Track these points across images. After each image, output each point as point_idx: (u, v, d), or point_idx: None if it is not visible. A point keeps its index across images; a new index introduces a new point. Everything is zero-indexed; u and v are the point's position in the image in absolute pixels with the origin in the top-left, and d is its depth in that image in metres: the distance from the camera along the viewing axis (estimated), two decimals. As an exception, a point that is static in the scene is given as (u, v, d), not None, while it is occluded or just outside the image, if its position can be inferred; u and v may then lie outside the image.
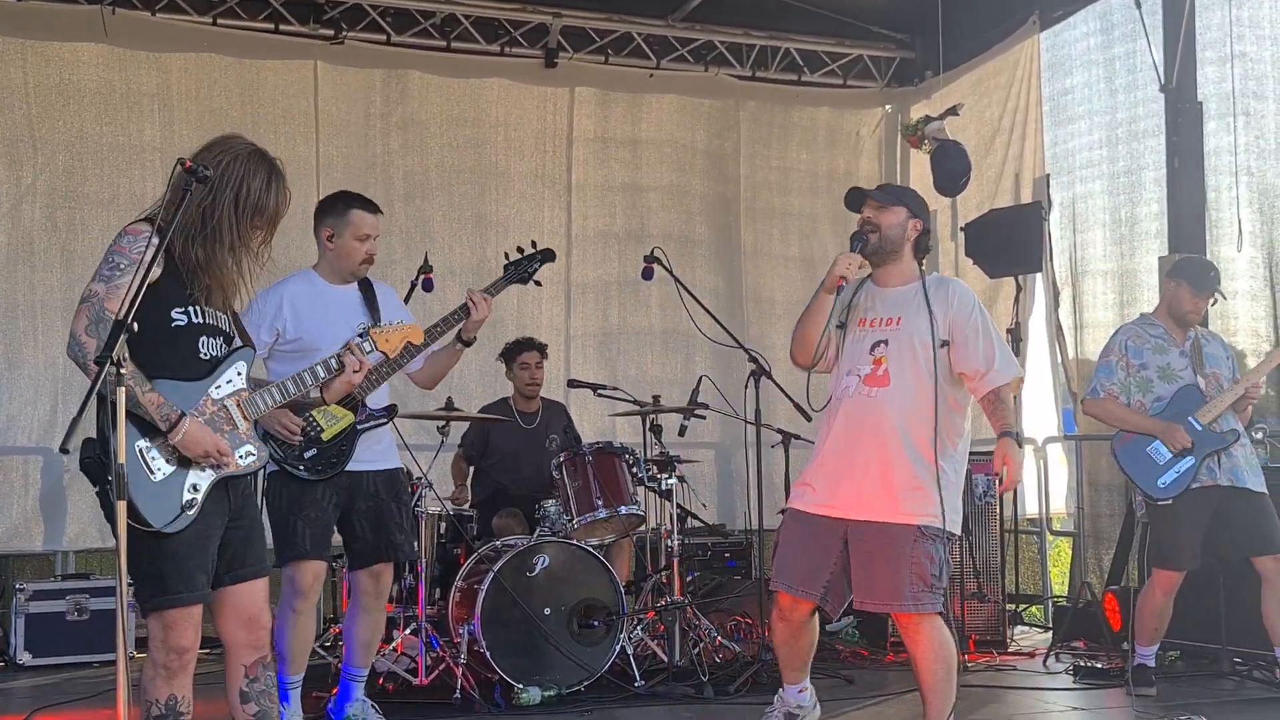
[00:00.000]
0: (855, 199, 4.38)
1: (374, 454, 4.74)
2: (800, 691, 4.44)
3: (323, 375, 3.62)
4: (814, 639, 4.40)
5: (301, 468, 4.54)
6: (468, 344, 4.88)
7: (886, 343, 4.17)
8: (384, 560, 4.77)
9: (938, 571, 4.05)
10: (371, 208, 4.79)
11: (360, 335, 3.75)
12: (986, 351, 4.15)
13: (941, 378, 4.12)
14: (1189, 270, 5.68)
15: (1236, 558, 5.51)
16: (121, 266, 3.28)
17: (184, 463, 3.28)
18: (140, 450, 3.23)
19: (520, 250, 5.16)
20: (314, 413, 4.48)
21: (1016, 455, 4.19)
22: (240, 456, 3.38)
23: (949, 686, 4.12)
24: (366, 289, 4.82)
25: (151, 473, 3.23)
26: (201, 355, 3.38)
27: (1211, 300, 5.69)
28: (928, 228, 4.35)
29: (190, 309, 3.36)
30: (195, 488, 3.28)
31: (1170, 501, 5.39)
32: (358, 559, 4.78)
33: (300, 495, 4.57)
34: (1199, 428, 5.39)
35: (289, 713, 4.54)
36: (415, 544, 5.08)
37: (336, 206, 4.78)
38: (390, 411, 4.78)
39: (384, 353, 3.80)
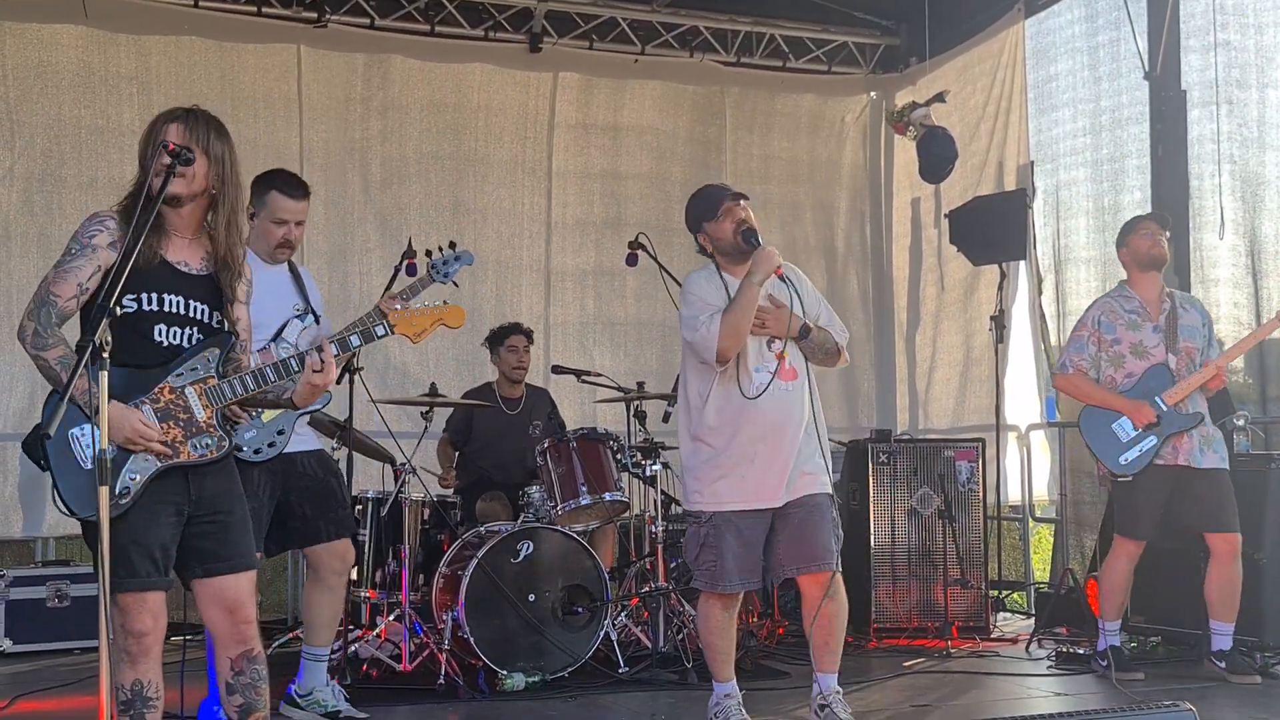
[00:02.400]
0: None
1: (302, 436, 4.67)
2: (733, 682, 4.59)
3: (295, 369, 3.38)
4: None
5: (242, 448, 4.37)
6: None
7: (778, 337, 4.38)
8: (332, 537, 4.69)
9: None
10: (294, 192, 4.61)
11: (373, 319, 3.54)
12: (838, 323, 4.58)
13: None
14: (1125, 226, 5.87)
15: (1192, 535, 5.58)
16: (73, 251, 3.27)
17: (125, 451, 3.19)
18: (74, 437, 3.17)
19: (441, 249, 5.11)
20: None
21: (782, 317, 4.37)
22: (193, 447, 3.27)
23: None
24: (292, 270, 4.73)
25: (84, 460, 3.15)
26: (158, 342, 3.29)
27: (1166, 233, 5.75)
28: None
29: (143, 296, 3.26)
30: (134, 477, 3.20)
31: (1130, 478, 5.49)
32: (303, 538, 4.70)
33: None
34: (1165, 408, 5.47)
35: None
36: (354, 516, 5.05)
37: (260, 185, 4.61)
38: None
39: (406, 335, 3.60)
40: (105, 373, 2.93)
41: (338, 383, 4.78)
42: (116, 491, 3.16)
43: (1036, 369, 7.95)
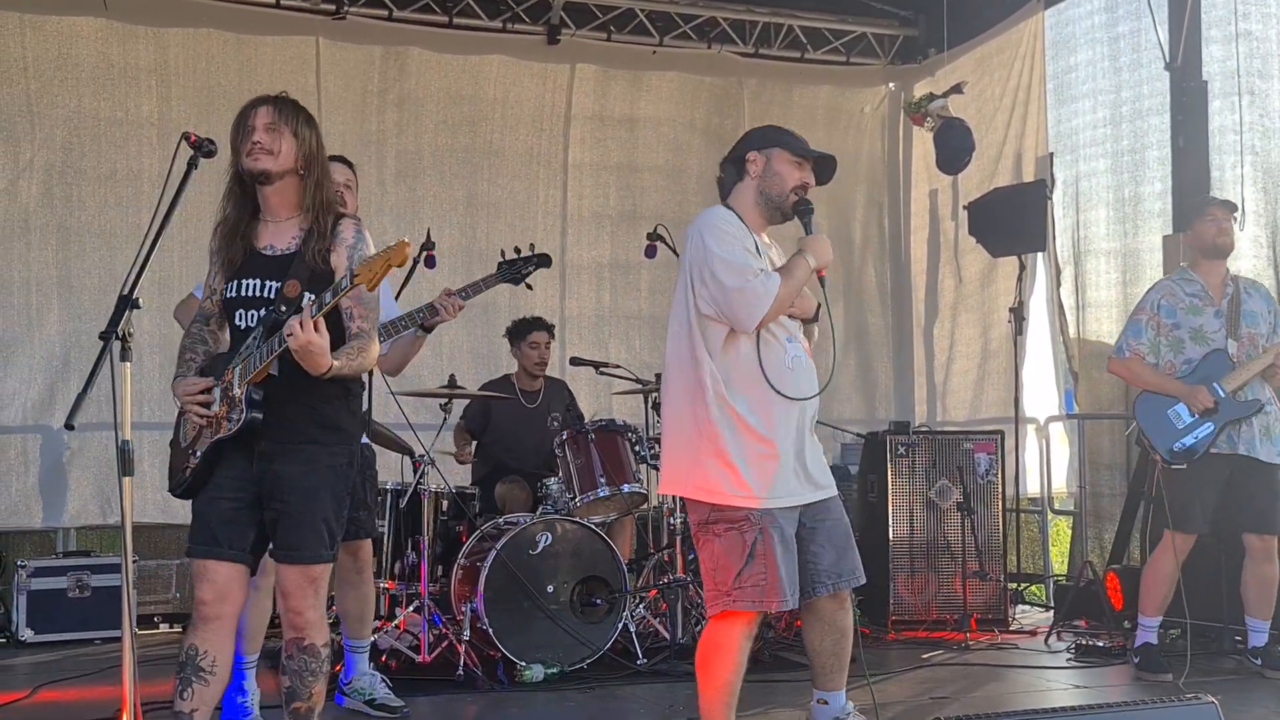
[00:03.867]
0: (829, 168, 3.89)
1: None
2: None
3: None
4: None
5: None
6: (428, 330, 4.91)
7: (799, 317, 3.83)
8: (350, 537, 4.63)
9: None
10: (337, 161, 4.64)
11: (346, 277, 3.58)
12: None
13: None
14: (1192, 209, 5.76)
15: (1232, 531, 5.48)
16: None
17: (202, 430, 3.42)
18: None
19: (518, 251, 5.28)
20: None
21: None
22: (229, 422, 3.36)
23: None
24: None
25: (180, 439, 3.49)
26: (238, 326, 3.46)
27: (1234, 217, 5.63)
28: None
29: (228, 285, 3.47)
30: (195, 454, 3.41)
31: (1184, 466, 5.36)
32: None
33: None
34: (1222, 394, 5.32)
35: (248, 693, 4.47)
36: (376, 518, 5.11)
37: None
38: None
39: (363, 284, 3.40)
40: (128, 364, 2.98)
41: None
42: (185, 467, 3.47)
43: (1055, 361, 7.93)
